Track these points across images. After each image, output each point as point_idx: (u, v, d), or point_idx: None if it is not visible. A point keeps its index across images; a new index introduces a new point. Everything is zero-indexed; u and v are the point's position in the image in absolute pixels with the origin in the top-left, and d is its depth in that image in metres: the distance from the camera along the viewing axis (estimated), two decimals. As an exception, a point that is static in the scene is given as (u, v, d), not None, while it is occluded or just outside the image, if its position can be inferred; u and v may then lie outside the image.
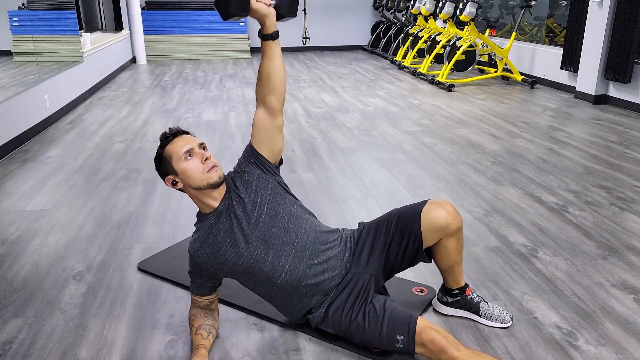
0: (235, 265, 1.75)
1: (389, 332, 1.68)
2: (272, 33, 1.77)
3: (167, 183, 1.78)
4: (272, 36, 1.78)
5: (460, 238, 1.89)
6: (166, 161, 1.75)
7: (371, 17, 11.01)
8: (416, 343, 1.63)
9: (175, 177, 1.75)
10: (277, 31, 1.79)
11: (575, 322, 1.98)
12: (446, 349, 1.57)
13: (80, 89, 5.95)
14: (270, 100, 1.81)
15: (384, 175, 3.55)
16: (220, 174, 1.75)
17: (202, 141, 1.79)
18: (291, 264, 1.76)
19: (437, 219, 1.81)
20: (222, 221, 1.77)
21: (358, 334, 1.75)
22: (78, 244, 2.59)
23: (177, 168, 1.73)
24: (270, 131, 1.82)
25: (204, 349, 1.75)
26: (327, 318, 1.82)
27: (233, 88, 6.79)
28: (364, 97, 6.21)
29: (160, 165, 1.78)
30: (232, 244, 1.75)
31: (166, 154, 1.75)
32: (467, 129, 4.75)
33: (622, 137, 4.50)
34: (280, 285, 1.77)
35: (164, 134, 1.80)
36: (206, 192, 1.76)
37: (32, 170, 3.66)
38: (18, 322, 1.98)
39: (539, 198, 3.16)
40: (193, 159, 1.73)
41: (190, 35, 9.64)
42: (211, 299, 1.88)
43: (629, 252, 2.52)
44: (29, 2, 5.00)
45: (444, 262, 1.91)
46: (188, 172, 1.72)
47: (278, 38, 1.79)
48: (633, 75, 5.42)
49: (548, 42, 7.95)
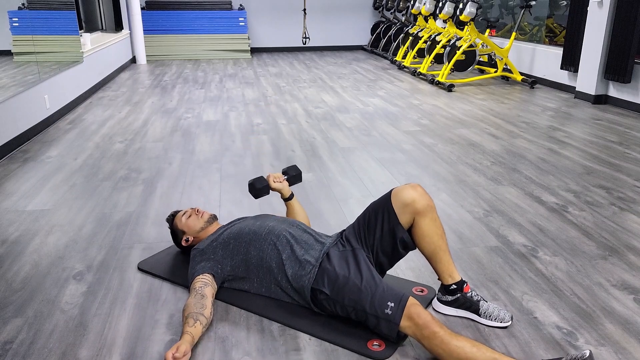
0: (231, 234, 2.13)
1: (382, 296, 1.79)
2: (288, 196, 2.43)
3: (184, 243, 2.33)
4: (289, 198, 2.43)
5: (435, 220, 1.97)
6: (176, 230, 2.35)
7: (371, 17, 11.01)
8: (404, 314, 1.73)
9: (185, 235, 2.31)
10: (292, 194, 2.45)
11: (575, 322, 1.98)
12: (429, 324, 1.69)
13: (80, 89, 5.96)
14: None
15: (384, 175, 3.55)
16: (209, 214, 2.34)
17: (196, 207, 2.38)
18: (275, 222, 2.13)
19: (405, 194, 1.97)
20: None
21: (352, 294, 1.84)
22: (78, 244, 2.60)
23: (181, 227, 2.32)
24: None
25: (188, 335, 1.77)
26: (323, 277, 1.92)
27: (233, 88, 6.79)
28: (364, 97, 6.21)
29: (176, 239, 2.38)
30: (228, 236, 2.15)
31: (174, 227, 2.37)
32: (467, 129, 4.75)
33: (622, 137, 4.50)
34: (265, 236, 2.05)
35: (168, 219, 2.43)
36: (206, 230, 2.29)
37: (32, 170, 3.66)
38: (18, 322, 1.98)
39: (539, 198, 3.17)
40: (190, 216, 2.34)
41: (190, 35, 9.64)
42: (207, 278, 2.01)
43: (629, 252, 2.52)
44: (29, 2, 5.01)
45: (425, 246, 1.98)
46: (189, 223, 2.30)
47: (293, 198, 2.45)
48: (633, 75, 5.42)
49: (548, 42, 7.95)
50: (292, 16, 10.40)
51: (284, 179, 2.42)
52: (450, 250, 2.39)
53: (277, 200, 2.96)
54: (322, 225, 2.76)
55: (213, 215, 2.34)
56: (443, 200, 3.12)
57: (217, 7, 9.87)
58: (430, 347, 1.70)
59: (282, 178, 2.42)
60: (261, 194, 2.37)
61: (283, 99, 6.08)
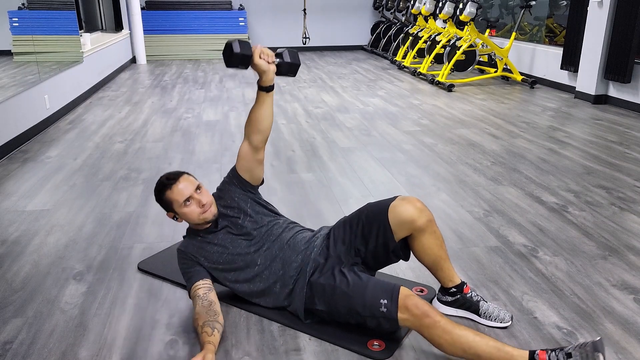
0: (220, 258, 1.99)
1: (373, 296, 1.75)
2: (267, 87, 1.96)
3: (169, 216, 2.02)
4: (266, 89, 1.97)
5: (435, 232, 1.93)
6: (166, 204, 1.97)
7: (371, 17, 11.00)
8: (399, 307, 1.69)
9: (175, 214, 1.98)
10: (273, 85, 1.97)
11: (575, 322, 1.98)
12: (429, 313, 1.65)
13: (80, 89, 5.95)
14: (254, 138, 2.02)
15: (384, 175, 3.55)
16: (214, 212, 1.98)
17: (198, 183, 1.97)
18: (268, 245, 2.01)
19: (403, 213, 1.88)
20: (211, 236, 2.03)
21: (344, 301, 1.81)
22: (78, 244, 2.60)
23: (178, 212, 1.96)
24: (252, 163, 2.05)
25: (210, 345, 1.75)
26: (312, 292, 1.89)
27: (233, 88, 6.79)
28: (364, 97, 6.21)
29: (161, 204, 2.00)
30: (219, 246, 2.00)
31: (166, 199, 1.95)
32: (467, 129, 4.75)
33: (622, 137, 4.50)
34: (255, 253, 1.97)
35: (162, 181, 1.97)
36: (202, 225, 2.00)
37: (32, 170, 3.66)
38: (18, 322, 1.98)
39: (539, 198, 3.16)
40: (191, 205, 1.94)
41: (190, 35, 9.63)
42: (208, 283, 1.95)
43: (629, 252, 2.52)
44: (29, 2, 5.01)
45: (426, 258, 1.95)
46: (187, 216, 1.96)
47: (272, 91, 1.98)
48: (633, 75, 5.42)
49: (548, 42, 7.95)
50: (292, 16, 10.39)
51: (274, 61, 1.94)
52: (450, 251, 2.40)
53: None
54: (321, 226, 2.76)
55: (216, 214, 2.01)
56: (443, 200, 3.12)
57: (217, 7, 9.86)
58: (432, 337, 1.66)
59: (273, 59, 1.93)
60: (236, 63, 1.85)
61: (283, 99, 6.08)
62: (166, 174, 2.00)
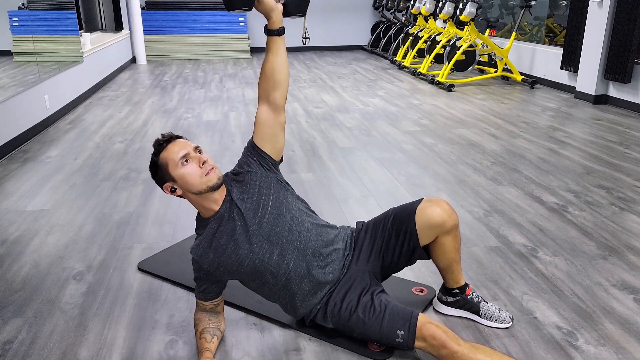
0: (241, 266, 1.74)
1: (389, 326, 1.69)
2: (278, 29, 1.76)
3: (166, 190, 1.75)
4: (277, 32, 1.76)
5: (457, 235, 1.89)
6: (162, 168, 1.72)
7: (371, 17, 11.00)
8: (416, 337, 1.64)
9: (173, 183, 1.72)
10: (283, 27, 1.76)
11: (575, 322, 1.98)
12: (446, 344, 1.59)
13: (80, 89, 5.95)
14: (274, 96, 1.82)
15: (384, 175, 3.55)
16: (219, 175, 1.72)
17: (196, 144, 1.75)
18: (295, 261, 1.76)
19: (433, 216, 1.82)
20: (225, 224, 1.74)
21: (358, 328, 1.76)
22: (78, 244, 2.59)
23: (175, 174, 1.69)
24: (274, 128, 1.82)
25: (208, 352, 1.74)
26: (327, 313, 1.82)
27: (233, 88, 6.79)
28: (363, 97, 6.21)
29: (157, 173, 1.75)
30: (236, 246, 1.73)
31: (161, 161, 1.72)
32: (467, 129, 4.75)
33: (622, 137, 4.50)
34: (285, 283, 1.77)
35: (157, 140, 1.76)
36: (206, 196, 1.72)
37: (32, 170, 3.66)
38: (18, 322, 1.98)
39: (539, 198, 3.16)
40: (190, 164, 1.69)
41: (190, 35, 9.63)
42: (217, 302, 1.87)
43: (629, 252, 2.52)
44: (29, 2, 5.00)
45: (442, 260, 1.91)
46: (186, 178, 1.68)
47: (284, 34, 1.77)
48: (633, 75, 5.42)
49: (548, 42, 7.95)
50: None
51: (280, 0, 1.74)
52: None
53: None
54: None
55: (221, 177, 1.74)
56: (443, 200, 3.12)
57: (217, 7, 9.85)
58: None
59: None
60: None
61: (283, 99, 6.07)
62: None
